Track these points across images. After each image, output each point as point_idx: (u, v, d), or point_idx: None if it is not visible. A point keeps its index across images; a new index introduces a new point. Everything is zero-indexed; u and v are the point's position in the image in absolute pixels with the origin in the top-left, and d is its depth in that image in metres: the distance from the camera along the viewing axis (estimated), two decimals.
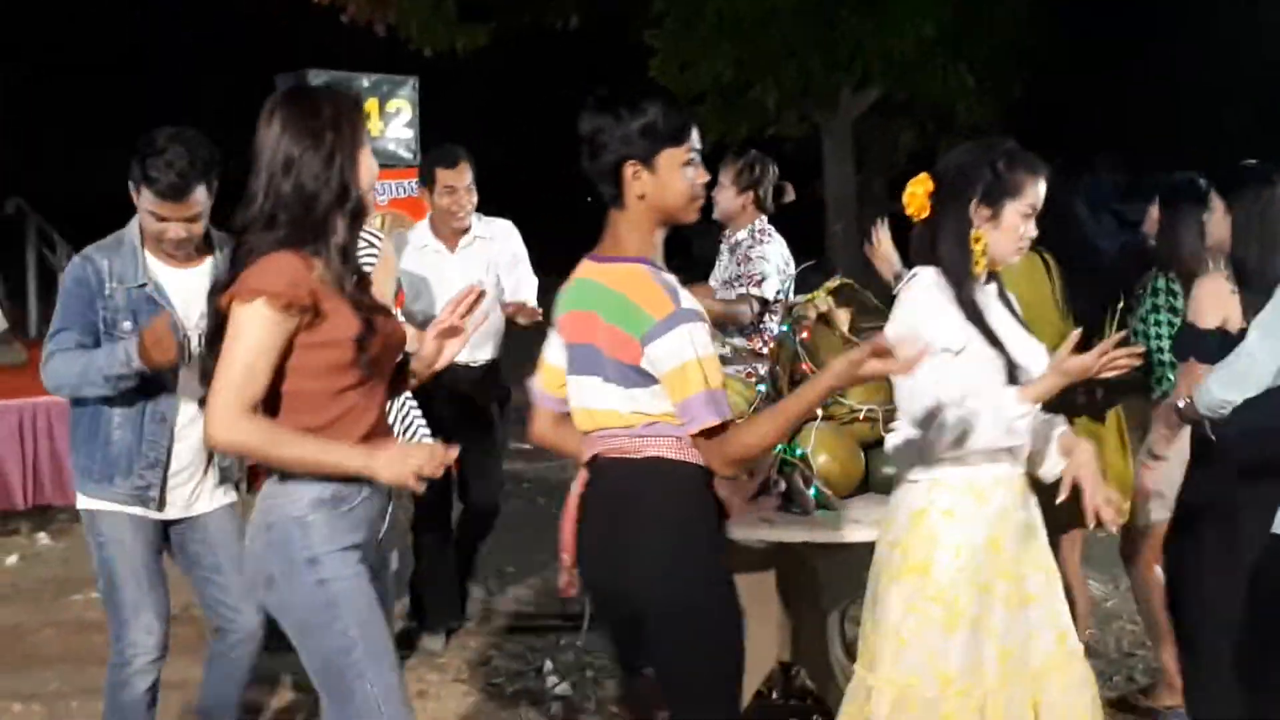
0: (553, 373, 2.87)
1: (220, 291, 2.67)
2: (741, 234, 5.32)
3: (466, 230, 5.12)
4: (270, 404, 2.66)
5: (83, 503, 3.55)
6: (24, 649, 5.15)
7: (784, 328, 3.96)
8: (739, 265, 5.25)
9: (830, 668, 4.04)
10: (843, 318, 3.86)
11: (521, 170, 5.10)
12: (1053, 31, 13.95)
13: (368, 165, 2.71)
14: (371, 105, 8.44)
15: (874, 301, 4.00)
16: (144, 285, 3.45)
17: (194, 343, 3.38)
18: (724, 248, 5.42)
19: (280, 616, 2.76)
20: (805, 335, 3.90)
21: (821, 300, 3.96)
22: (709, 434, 2.60)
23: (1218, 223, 3.68)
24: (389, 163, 8.35)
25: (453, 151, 5.09)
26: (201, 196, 3.38)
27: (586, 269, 2.76)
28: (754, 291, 5.17)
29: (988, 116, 13.57)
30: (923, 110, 14.24)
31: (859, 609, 5.10)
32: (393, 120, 8.74)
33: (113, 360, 3.34)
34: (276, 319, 2.58)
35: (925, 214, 3.05)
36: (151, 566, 3.54)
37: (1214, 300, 3.63)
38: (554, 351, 2.87)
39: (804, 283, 4.12)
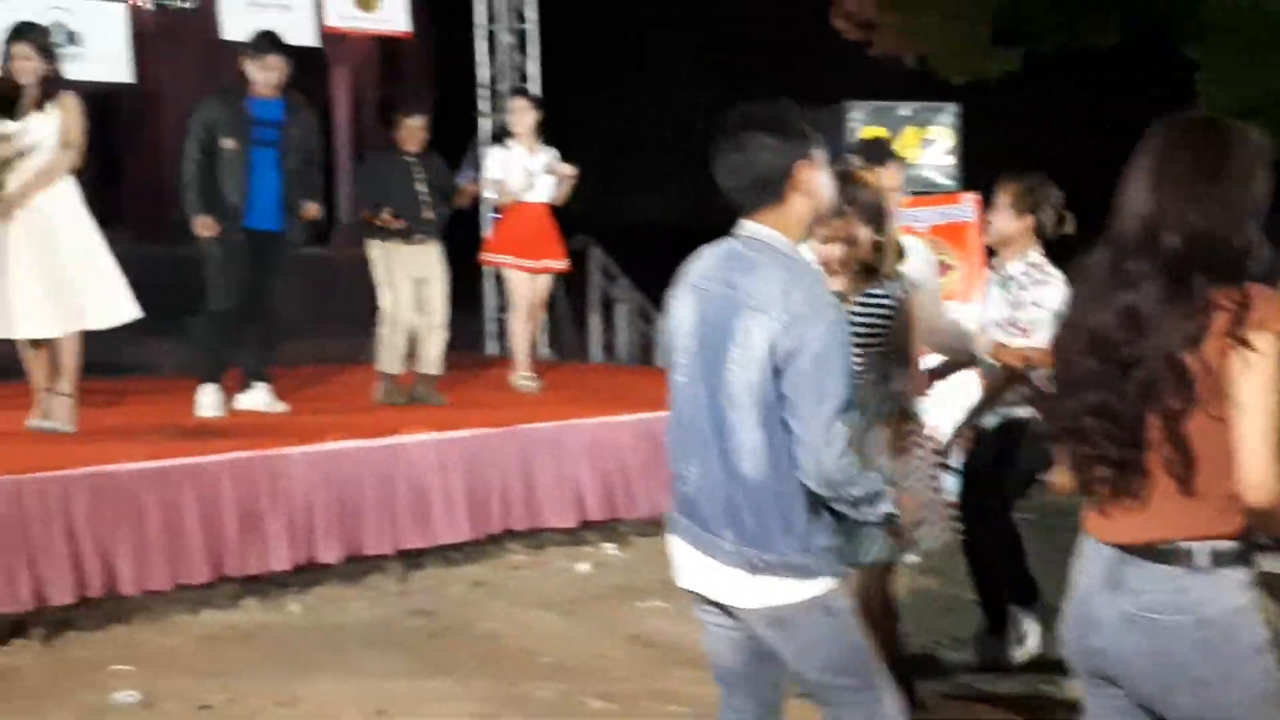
0: None
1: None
2: (1014, 267, 4.98)
3: None
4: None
5: (810, 589, 3.11)
6: (596, 650, 5.52)
7: None
8: (1013, 310, 4.91)
9: None
10: None
11: (1071, 191, 5.01)
12: None
13: None
14: (911, 134, 8.52)
15: None
16: None
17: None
18: (993, 281, 5.10)
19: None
20: None
21: None
22: None
23: None
24: (927, 189, 8.39)
25: (881, 147, 5.03)
26: None
27: None
28: (1020, 342, 4.83)
29: None
30: None
31: None
32: (931, 147, 8.78)
33: (883, 496, 3.05)
34: None
35: None
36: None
37: None
38: None
39: None
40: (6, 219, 6.26)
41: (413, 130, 7.72)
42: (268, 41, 7.16)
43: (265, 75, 7.07)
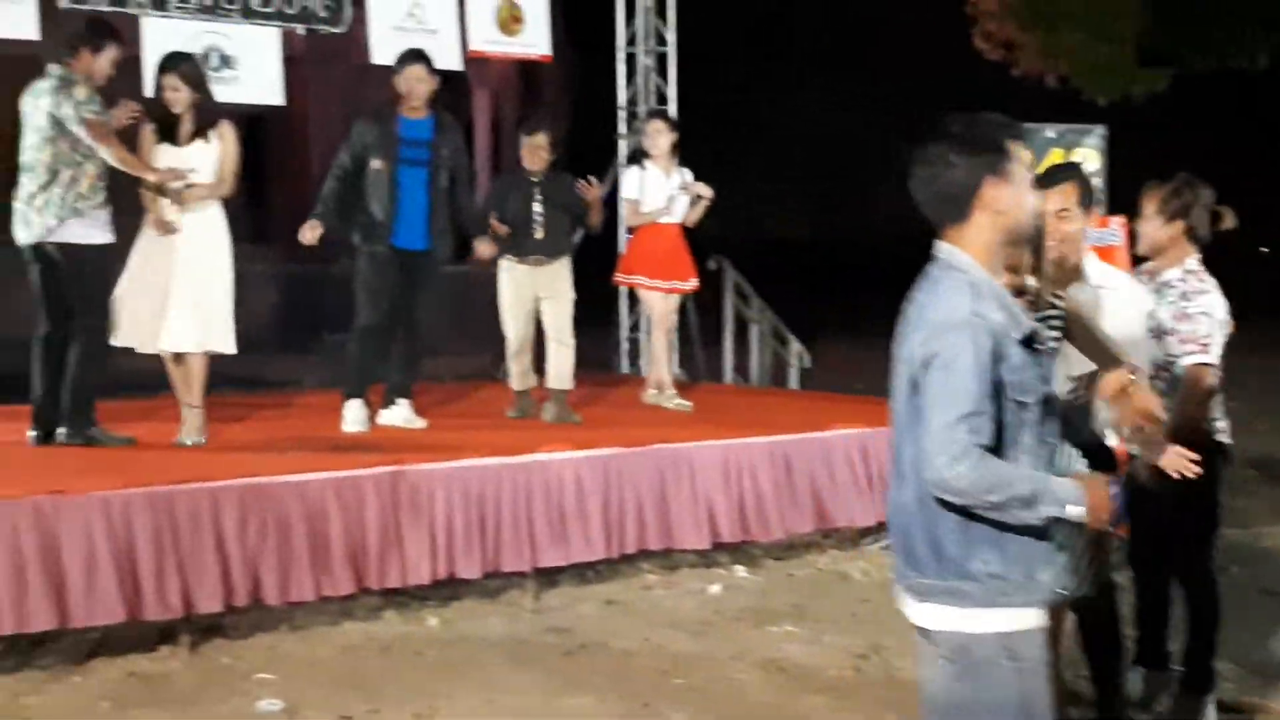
0: None
1: None
2: (1171, 274, 4.79)
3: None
4: None
5: (991, 621, 2.91)
6: (728, 673, 5.51)
7: None
8: (1176, 321, 4.72)
9: None
10: None
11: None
12: None
13: None
14: (1057, 156, 8.39)
15: None
16: (1030, 339, 2.95)
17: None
18: (1149, 287, 4.86)
19: None
20: None
21: None
22: None
23: None
24: None
25: (1053, 170, 4.90)
26: None
27: None
28: (1195, 358, 4.66)
29: None
30: None
31: None
32: None
33: (1047, 497, 2.85)
34: None
35: None
36: None
37: None
38: None
39: None
40: (163, 233, 6.51)
41: (533, 148, 7.76)
42: (409, 55, 7.35)
43: (407, 87, 7.22)
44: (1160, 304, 4.82)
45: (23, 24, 7.72)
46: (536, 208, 7.70)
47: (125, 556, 5.37)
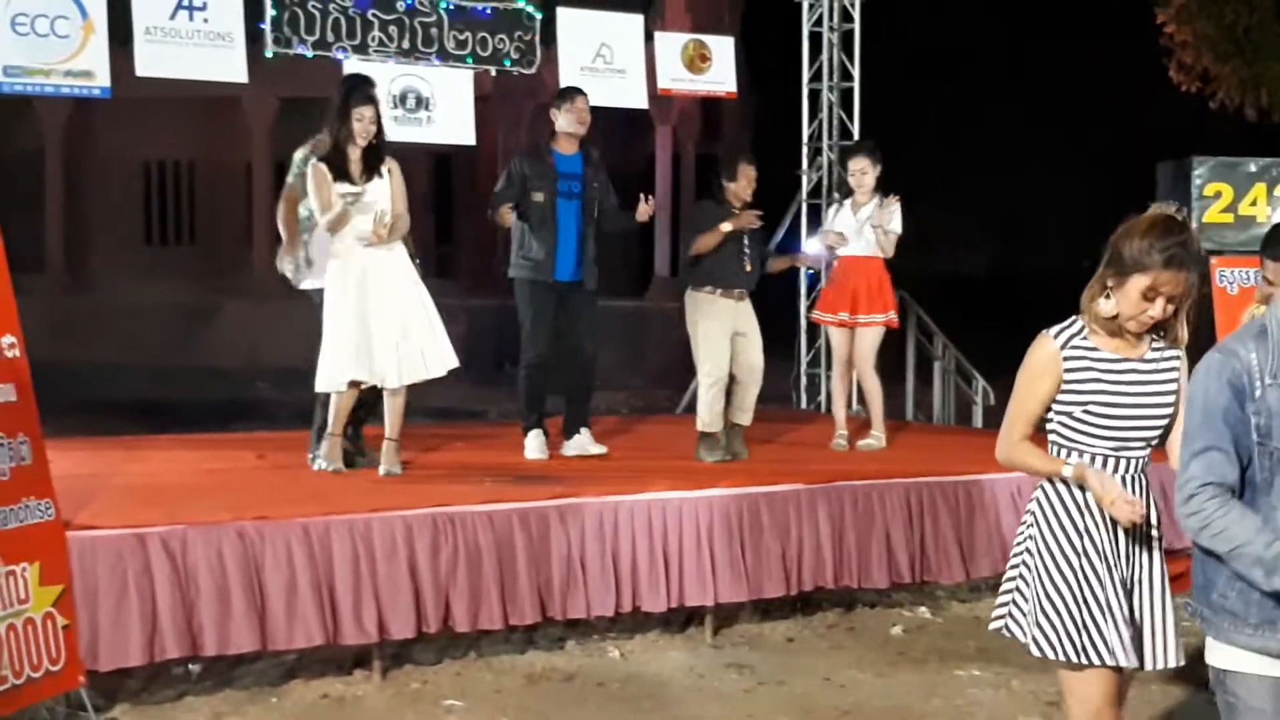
0: None
1: None
2: None
3: None
4: None
5: (1221, 657, 2.91)
6: (914, 716, 5.43)
7: None
8: None
9: None
10: None
11: None
12: None
13: None
14: (1259, 190, 8.12)
15: None
16: None
17: None
18: None
19: None
20: None
21: None
22: None
23: None
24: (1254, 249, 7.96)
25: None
26: None
27: None
28: None
29: None
30: None
31: None
32: None
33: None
34: None
35: None
36: None
37: None
38: None
39: None
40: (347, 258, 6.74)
41: (750, 179, 7.74)
42: (575, 89, 7.69)
43: (580, 118, 7.44)
44: None
45: (232, 68, 8.10)
46: (746, 241, 7.69)
47: (324, 582, 5.54)
